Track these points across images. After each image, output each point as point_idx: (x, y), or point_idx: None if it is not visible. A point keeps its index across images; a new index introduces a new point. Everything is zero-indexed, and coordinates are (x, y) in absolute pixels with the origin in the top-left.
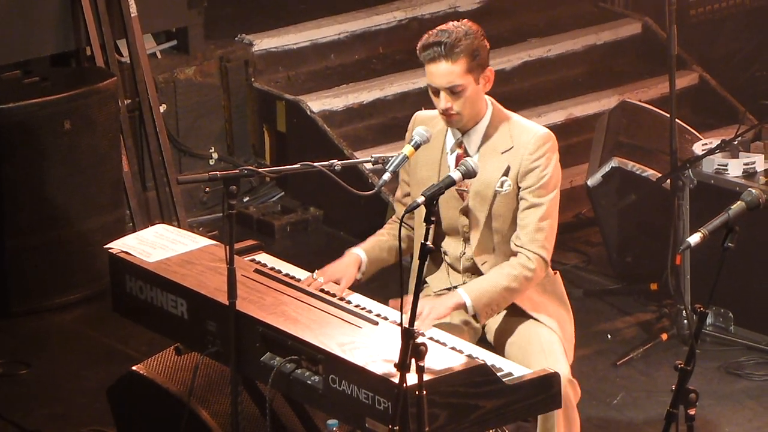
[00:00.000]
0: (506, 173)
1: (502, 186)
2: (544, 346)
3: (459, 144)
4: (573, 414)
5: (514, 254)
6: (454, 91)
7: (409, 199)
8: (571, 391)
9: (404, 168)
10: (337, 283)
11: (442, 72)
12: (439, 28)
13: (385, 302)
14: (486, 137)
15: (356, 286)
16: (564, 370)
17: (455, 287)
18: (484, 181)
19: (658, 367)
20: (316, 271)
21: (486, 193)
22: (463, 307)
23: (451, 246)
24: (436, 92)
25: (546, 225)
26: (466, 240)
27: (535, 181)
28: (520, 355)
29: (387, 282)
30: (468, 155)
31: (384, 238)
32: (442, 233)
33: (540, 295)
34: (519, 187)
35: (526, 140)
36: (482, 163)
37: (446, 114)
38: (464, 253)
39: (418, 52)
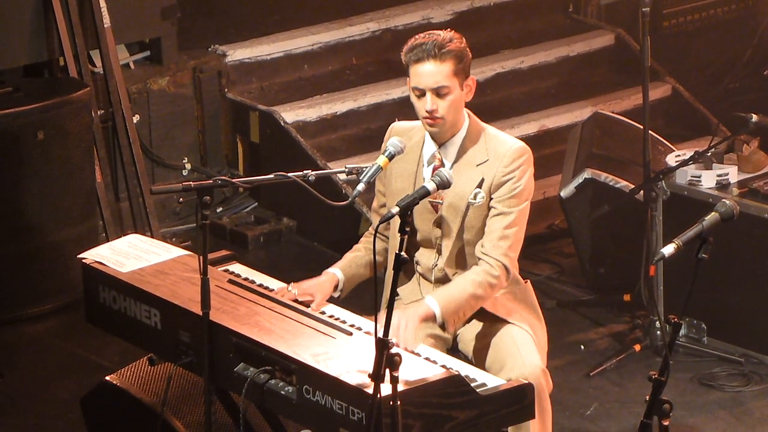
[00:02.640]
0: (480, 185)
1: (475, 198)
2: (517, 341)
3: (436, 156)
4: (545, 404)
5: (478, 261)
6: (439, 93)
7: (385, 210)
8: (543, 381)
9: (380, 178)
10: (311, 297)
11: (430, 72)
12: (425, 33)
13: (359, 313)
14: (462, 149)
15: (331, 299)
16: (536, 360)
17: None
18: (458, 194)
19: (632, 378)
20: (292, 283)
21: (459, 205)
22: (432, 317)
23: (424, 257)
24: (421, 94)
25: (511, 233)
26: (439, 251)
27: (507, 191)
28: (493, 356)
29: (361, 293)
30: (443, 166)
31: (360, 254)
32: (416, 244)
33: (511, 302)
34: (491, 198)
35: (501, 153)
36: (457, 175)
37: (431, 117)
38: (437, 265)
39: (403, 54)
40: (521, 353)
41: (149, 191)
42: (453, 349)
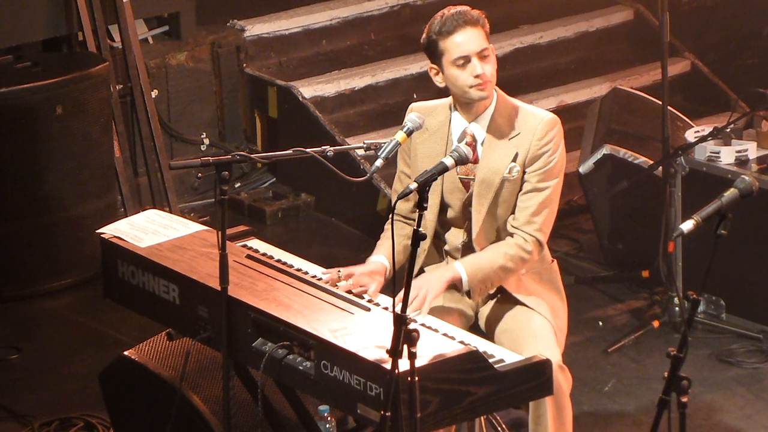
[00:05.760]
0: (514, 159)
1: (510, 172)
2: (536, 332)
3: (467, 132)
4: (564, 401)
5: (510, 235)
6: (483, 56)
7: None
8: (562, 378)
9: (404, 160)
10: (364, 287)
11: (472, 36)
12: (441, 12)
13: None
14: (493, 124)
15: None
16: (555, 356)
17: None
18: (492, 168)
19: (650, 354)
20: (341, 269)
21: (493, 180)
22: (458, 281)
23: (453, 235)
24: (466, 62)
25: (546, 209)
26: (469, 229)
27: (542, 165)
28: (511, 341)
29: None
30: (476, 142)
31: (397, 240)
32: (446, 223)
33: (537, 283)
34: (525, 172)
35: (533, 125)
36: (490, 150)
37: (482, 82)
38: (466, 242)
39: (434, 32)
40: (539, 347)
41: (168, 166)
42: (474, 327)
